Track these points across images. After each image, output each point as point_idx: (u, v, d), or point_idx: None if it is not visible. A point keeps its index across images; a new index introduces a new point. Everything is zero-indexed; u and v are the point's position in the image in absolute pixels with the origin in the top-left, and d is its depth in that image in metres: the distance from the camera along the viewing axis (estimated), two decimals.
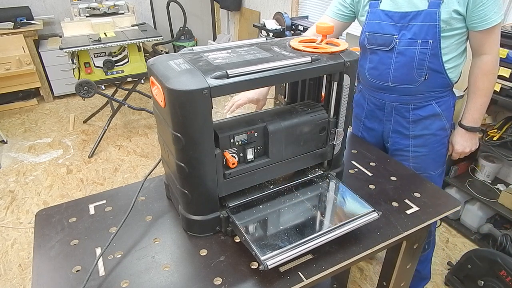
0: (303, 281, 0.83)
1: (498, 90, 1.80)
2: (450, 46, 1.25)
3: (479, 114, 1.33)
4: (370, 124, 1.50)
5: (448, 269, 1.97)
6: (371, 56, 1.36)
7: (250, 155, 0.94)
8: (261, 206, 0.97)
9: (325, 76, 1.03)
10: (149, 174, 1.07)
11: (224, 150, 0.90)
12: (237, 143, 0.92)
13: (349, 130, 1.43)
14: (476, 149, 1.40)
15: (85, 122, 3.62)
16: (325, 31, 0.98)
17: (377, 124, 1.48)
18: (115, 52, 2.95)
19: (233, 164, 0.91)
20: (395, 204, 1.07)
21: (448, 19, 1.18)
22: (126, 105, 3.15)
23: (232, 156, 0.91)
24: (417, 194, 1.11)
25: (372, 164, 1.28)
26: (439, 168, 1.47)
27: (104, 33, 3.02)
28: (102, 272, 0.85)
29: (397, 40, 1.25)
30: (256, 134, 0.93)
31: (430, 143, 1.40)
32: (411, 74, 1.27)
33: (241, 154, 0.94)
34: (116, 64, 2.96)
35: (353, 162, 1.29)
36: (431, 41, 1.21)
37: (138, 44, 3.02)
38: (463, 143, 1.38)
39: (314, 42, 1.01)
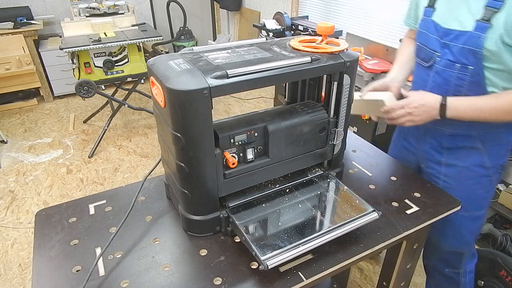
0: (303, 281, 0.83)
1: None
2: (502, 81, 1.04)
3: (470, 113, 1.06)
4: (411, 139, 1.36)
5: None
6: (416, 68, 1.26)
7: (250, 155, 0.94)
8: (261, 206, 0.97)
9: (325, 76, 1.03)
10: (149, 174, 1.07)
11: (224, 150, 0.90)
12: (237, 143, 0.92)
13: (350, 130, 1.43)
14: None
15: (85, 122, 3.62)
16: (326, 31, 0.98)
17: (415, 142, 1.35)
18: (115, 52, 2.95)
19: (233, 164, 0.91)
20: (395, 204, 1.07)
21: (495, 51, 0.98)
22: (126, 105, 3.15)
23: (232, 156, 0.91)
24: (417, 194, 1.11)
25: (372, 164, 1.28)
26: (472, 211, 1.25)
27: (104, 33, 3.02)
28: (102, 272, 0.85)
29: (438, 58, 1.11)
30: (256, 134, 0.93)
31: (462, 178, 1.21)
32: None
33: (241, 154, 0.94)
34: (116, 64, 2.96)
35: (353, 162, 1.29)
36: (472, 67, 1.04)
37: (138, 44, 3.02)
38: (415, 107, 1.09)
39: (314, 42, 1.01)
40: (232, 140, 0.91)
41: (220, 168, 0.89)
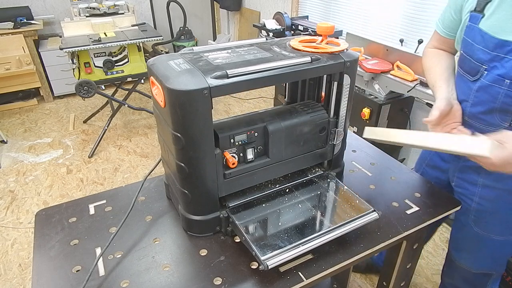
0: (303, 281, 0.83)
1: None
2: None
3: None
4: (444, 155, 1.23)
5: None
6: (456, 79, 1.11)
7: (250, 155, 0.94)
8: (261, 206, 0.97)
9: (325, 76, 1.03)
10: (149, 174, 1.07)
11: (224, 150, 0.90)
12: (237, 143, 0.92)
13: (350, 130, 1.42)
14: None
15: (85, 122, 3.62)
16: (326, 31, 0.98)
17: (448, 157, 1.21)
18: (115, 52, 2.95)
19: (233, 164, 0.91)
20: (395, 204, 1.07)
21: None
22: (126, 105, 3.15)
23: (232, 156, 0.91)
24: (417, 194, 1.11)
25: (372, 164, 1.28)
26: (510, 236, 1.14)
27: (104, 33, 3.02)
28: (102, 272, 0.85)
29: (485, 72, 0.97)
30: (256, 134, 0.94)
31: (502, 201, 1.08)
32: (490, 116, 1.00)
33: (241, 154, 0.94)
34: (116, 64, 2.96)
35: (353, 162, 1.29)
36: None
37: (138, 44, 3.02)
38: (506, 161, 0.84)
39: (314, 42, 1.01)
40: (232, 140, 0.91)
41: (220, 168, 0.89)
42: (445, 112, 1.01)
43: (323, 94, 1.08)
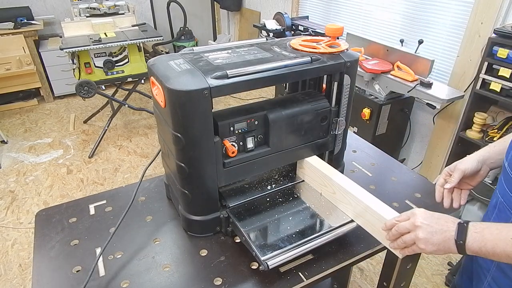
0: (303, 281, 0.83)
1: (498, 90, 1.80)
2: None
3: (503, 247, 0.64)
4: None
5: (448, 269, 1.97)
6: None
7: (250, 144, 0.93)
8: (261, 207, 0.97)
9: (325, 76, 1.03)
10: (149, 165, 1.05)
11: (223, 138, 0.88)
12: (237, 132, 0.90)
13: (350, 130, 1.41)
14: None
15: (85, 122, 3.62)
16: (335, 33, 0.98)
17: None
18: (115, 52, 2.95)
19: (233, 153, 0.90)
20: (395, 204, 1.07)
21: None
22: (126, 105, 3.15)
23: (232, 144, 0.90)
24: (417, 195, 1.11)
25: (373, 164, 1.28)
26: None
27: (105, 33, 3.02)
28: (102, 272, 0.85)
29: None
30: (256, 122, 0.92)
31: None
32: None
33: (241, 143, 0.92)
34: (116, 64, 2.96)
35: (353, 162, 1.29)
36: None
37: (138, 44, 3.02)
38: (429, 236, 0.72)
39: (315, 42, 1.01)
40: (231, 128, 0.89)
41: (220, 156, 0.88)
42: (468, 175, 0.86)
43: (324, 86, 1.07)
